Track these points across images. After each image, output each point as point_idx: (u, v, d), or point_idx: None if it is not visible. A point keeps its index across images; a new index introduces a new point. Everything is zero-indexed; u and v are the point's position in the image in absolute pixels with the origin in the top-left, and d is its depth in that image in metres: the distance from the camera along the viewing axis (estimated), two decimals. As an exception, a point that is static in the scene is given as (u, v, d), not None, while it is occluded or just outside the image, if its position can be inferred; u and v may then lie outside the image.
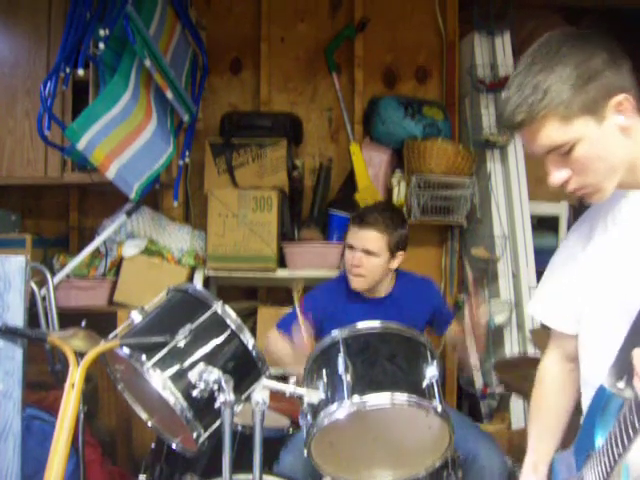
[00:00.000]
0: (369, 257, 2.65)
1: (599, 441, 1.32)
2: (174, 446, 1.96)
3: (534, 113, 1.32)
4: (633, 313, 1.24)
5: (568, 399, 1.72)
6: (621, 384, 1.20)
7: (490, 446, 2.49)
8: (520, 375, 2.68)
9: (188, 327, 1.78)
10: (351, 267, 2.69)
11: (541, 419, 1.75)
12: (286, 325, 2.73)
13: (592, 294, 1.53)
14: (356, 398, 1.77)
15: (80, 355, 1.81)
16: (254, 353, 1.84)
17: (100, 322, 2.46)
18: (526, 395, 1.99)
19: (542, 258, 3.72)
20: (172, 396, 1.70)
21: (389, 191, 3.68)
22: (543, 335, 1.75)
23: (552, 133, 1.33)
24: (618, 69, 1.33)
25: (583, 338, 1.58)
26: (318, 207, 3.68)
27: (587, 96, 1.31)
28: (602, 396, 1.33)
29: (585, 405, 1.51)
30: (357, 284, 2.71)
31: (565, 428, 1.72)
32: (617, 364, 1.25)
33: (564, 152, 1.34)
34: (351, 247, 2.69)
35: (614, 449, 1.22)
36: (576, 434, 1.49)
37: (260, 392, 1.76)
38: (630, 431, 1.16)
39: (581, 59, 1.32)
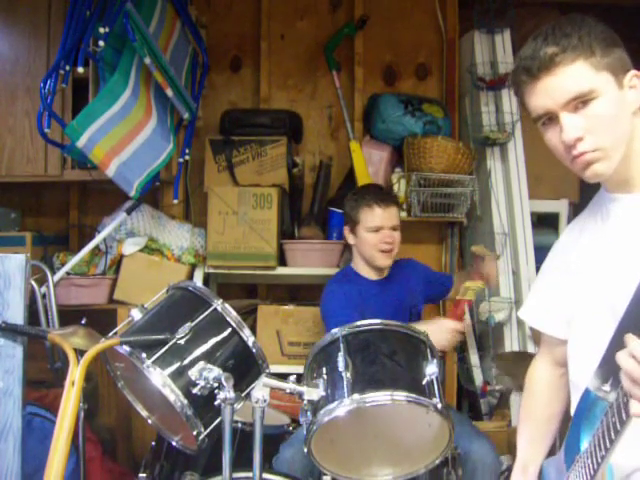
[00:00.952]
0: (395, 232, 2.80)
1: (584, 444, 1.31)
2: (174, 444, 1.96)
3: (567, 52, 1.32)
4: (620, 316, 1.24)
5: (558, 404, 1.72)
6: (606, 387, 1.19)
7: (483, 443, 2.51)
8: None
9: (188, 325, 1.78)
10: (383, 246, 2.77)
11: (531, 424, 1.75)
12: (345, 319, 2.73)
13: (581, 297, 1.53)
14: (356, 396, 1.77)
15: (80, 353, 1.82)
16: (254, 351, 1.84)
17: (100, 320, 2.47)
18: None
19: (542, 256, 3.67)
20: (172, 394, 1.71)
21: (389, 188, 3.68)
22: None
23: (581, 77, 1.32)
24: (625, 52, 1.37)
25: (572, 341, 1.58)
26: (318, 205, 3.68)
27: (612, 57, 1.33)
28: (587, 399, 1.32)
29: (573, 409, 1.51)
30: (387, 261, 2.82)
31: (556, 432, 1.72)
32: (602, 367, 1.24)
33: (583, 104, 1.33)
34: (377, 229, 2.77)
35: (598, 451, 1.22)
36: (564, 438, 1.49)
37: (260, 390, 1.76)
38: (612, 433, 1.16)
39: (604, 28, 1.36)
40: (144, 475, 2.40)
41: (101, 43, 2.67)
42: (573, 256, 1.57)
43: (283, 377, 1.85)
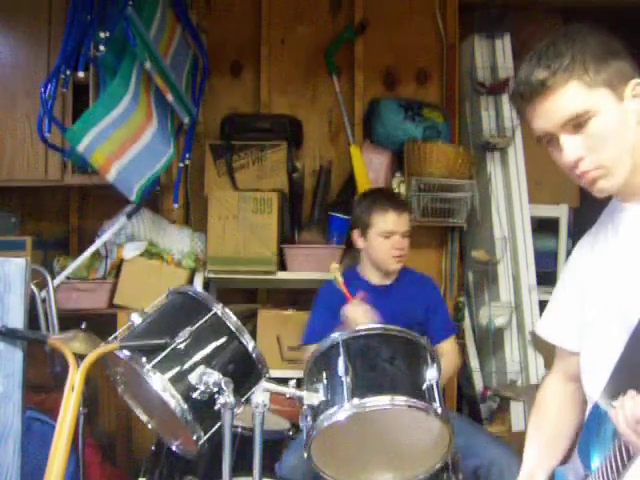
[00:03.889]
0: (406, 239, 2.80)
1: (595, 462, 1.29)
2: (174, 448, 1.96)
3: (557, 75, 1.31)
4: (631, 329, 1.22)
5: (570, 419, 1.68)
6: (616, 404, 1.17)
7: (507, 450, 2.51)
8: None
9: (188, 329, 1.78)
10: (394, 251, 2.77)
11: (540, 440, 1.69)
12: (312, 337, 2.74)
13: (592, 309, 1.51)
14: (356, 400, 1.77)
15: (80, 357, 1.81)
16: (254, 355, 1.84)
17: (100, 324, 2.46)
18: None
19: (542, 260, 3.74)
20: (172, 398, 1.70)
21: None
22: (543, 339, 1.74)
23: (574, 98, 1.31)
24: (631, 59, 1.35)
25: (583, 352, 1.56)
26: (318, 209, 3.68)
27: (609, 71, 1.31)
28: (597, 415, 1.30)
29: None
30: (398, 266, 2.83)
31: (566, 449, 1.65)
32: (612, 383, 1.23)
33: (581, 124, 1.31)
34: (390, 234, 2.76)
35: (610, 473, 1.21)
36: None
37: (260, 394, 1.76)
38: (625, 457, 1.15)
39: (603, 39, 1.35)
40: (144, 479, 2.39)
41: (102, 48, 2.67)
42: (585, 269, 1.55)
43: (283, 382, 1.84)
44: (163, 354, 1.74)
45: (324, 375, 1.90)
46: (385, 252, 2.77)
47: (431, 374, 1.87)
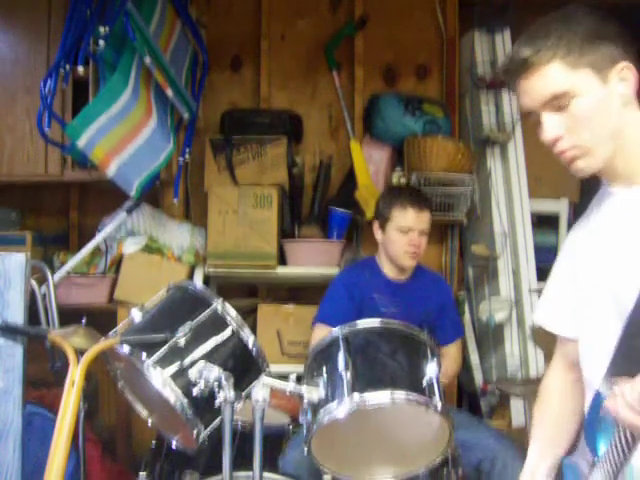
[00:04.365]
0: (423, 237, 2.81)
1: (602, 448, 1.30)
2: (174, 444, 1.96)
3: (541, 53, 1.33)
4: (625, 314, 1.23)
5: (573, 408, 1.67)
6: (615, 391, 1.17)
7: (510, 444, 2.52)
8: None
9: (188, 325, 1.78)
10: (409, 248, 2.77)
11: (544, 429, 1.70)
12: (327, 316, 2.75)
13: (587, 295, 1.51)
14: (356, 396, 1.77)
15: (80, 353, 1.82)
16: (254, 351, 1.84)
17: (100, 320, 2.46)
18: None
19: (542, 256, 3.73)
20: (172, 394, 1.70)
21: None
22: (543, 333, 1.73)
23: (556, 78, 1.33)
24: (627, 45, 1.36)
25: (582, 340, 1.56)
26: (318, 204, 3.68)
27: (596, 53, 1.33)
28: (599, 401, 1.31)
29: (586, 407, 1.49)
30: (412, 262, 2.84)
31: (569, 441, 1.66)
32: (612, 369, 1.23)
33: (562, 105, 1.34)
34: (407, 230, 2.77)
35: (616, 457, 1.21)
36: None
37: (260, 390, 1.76)
38: (630, 440, 1.16)
39: (597, 21, 1.36)
40: (144, 474, 2.40)
41: (101, 43, 2.67)
42: (577, 254, 1.56)
43: (283, 377, 1.84)
44: (163, 349, 1.74)
45: (324, 370, 1.90)
46: (400, 247, 2.78)
47: (431, 369, 1.87)
